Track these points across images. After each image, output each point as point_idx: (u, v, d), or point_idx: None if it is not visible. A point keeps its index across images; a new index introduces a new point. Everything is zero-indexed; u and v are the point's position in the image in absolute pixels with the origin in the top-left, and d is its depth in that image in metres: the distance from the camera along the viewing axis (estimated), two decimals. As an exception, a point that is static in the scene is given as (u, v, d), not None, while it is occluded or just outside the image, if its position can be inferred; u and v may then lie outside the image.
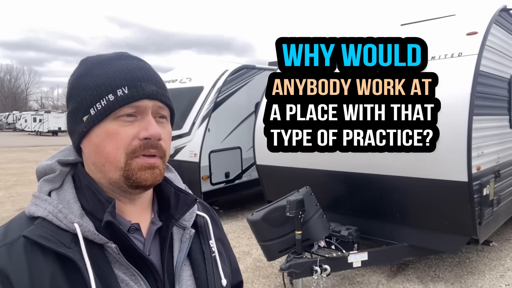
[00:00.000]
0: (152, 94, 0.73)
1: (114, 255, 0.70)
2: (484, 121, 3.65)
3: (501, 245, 5.48)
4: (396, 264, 4.77)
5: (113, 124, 0.72)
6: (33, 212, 0.71)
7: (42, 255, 0.66)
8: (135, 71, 0.74)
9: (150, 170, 0.73)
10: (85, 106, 0.73)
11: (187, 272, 0.81)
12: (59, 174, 0.76)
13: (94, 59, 0.77)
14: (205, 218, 0.90)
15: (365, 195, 4.20)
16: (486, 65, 3.67)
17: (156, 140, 0.73)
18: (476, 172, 3.46)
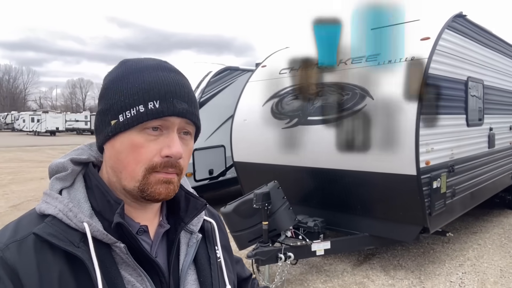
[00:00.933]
0: (182, 112, 0.73)
1: (121, 256, 0.71)
2: (434, 120, 3.95)
3: (468, 237, 5.79)
4: (363, 254, 5.07)
5: (139, 136, 0.72)
6: (44, 210, 0.72)
7: (51, 253, 0.67)
8: (169, 85, 0.74)
9: (165, 185, 0.74)
10: (115, 111, 0.73)
11: (192, 277, 0.81)
12: (70, 173, 0.77)
13: (133, 64, 0.77)
14: (212, 224, 0.91)
15: (331, 189, 4.51)
16: (438, 68, 3.97)
17: (177, 158, 0.73)
18: (425, 166, 3.77)
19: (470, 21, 4.68)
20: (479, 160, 5.06)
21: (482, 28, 5.08)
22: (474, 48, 4.82)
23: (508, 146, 6.31)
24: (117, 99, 0.73)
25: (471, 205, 5.06)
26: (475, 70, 4.86)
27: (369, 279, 4.33)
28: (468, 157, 4.69)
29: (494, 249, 5.25)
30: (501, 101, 5.84)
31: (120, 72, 0.76)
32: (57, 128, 42.74)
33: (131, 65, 0.76)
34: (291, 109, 4.71)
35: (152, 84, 0.73)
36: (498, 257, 4.93)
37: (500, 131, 5.81)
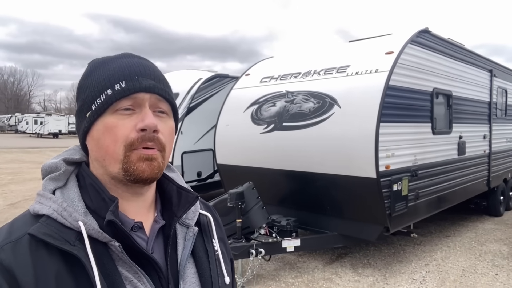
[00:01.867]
0: (149, 87, 0.75)
1: (117, 253, 0.71)
2: (395, 127, 4.27)
3: (439, 240, 6.07)
4: (336, 253, 5.37)
5: (111, 117, 0.73)
6: (38, 210, 0.72)
7: (47, 253, 0.67)
8: (133, 67, 0.76)
9: (148, 162, 0.73)
10: (88, 103, 0.75)
11: (191, 270, 0.82)
12: (63, 173, 0.77)
13: (99, 60, 0.80)
14: (208, 217, 0.91)
15: (303, 191, 4.83)
16: (399, 80, 4.30)
17: (151, 131, 0.73)
18: (385, 170, 4.08)
19: (436, 36, 5.02)
20: (447, 166, 5.37)
21: (450, 42, 5.42)
22: (440, 61, 5.14)
23: (481, 154, 6.61)
24: (88, 93, 0.75)
25: (438, 208, 5.36)
26: (442, 81, 5.18)
27: (337, 275, 4.63)
28: (433, 163, 5.00)
29: (462, 251, 5.54)
30: (471, 111, 6.15)
31: (88, 69, 0.79)
32: (60, 130, 43.22)
33: (97, 61, 0.80)
34: (268, 116, 5.05)
35: (116, 69, 0.75)
36: (464, 259, 5.22)
37: (471, 139, 6.12)
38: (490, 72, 6.85)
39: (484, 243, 5.91)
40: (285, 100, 4.96)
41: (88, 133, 0.76)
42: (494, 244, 5.86)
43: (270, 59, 6.28)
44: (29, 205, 1.10)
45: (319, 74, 4.83)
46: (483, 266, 4.93)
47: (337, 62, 4.81)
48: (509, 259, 5.20)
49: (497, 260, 5.14)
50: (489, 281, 4.47)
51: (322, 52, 5.53)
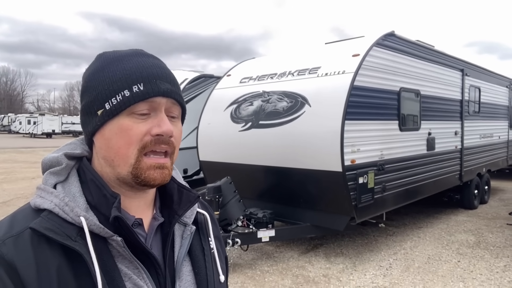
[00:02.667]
0: (167, 91, 0.75)
1: (118, 249, 0.71)
2: (360, 125, 4.58)
3: (412, 231, 6.41)
4: (312, 244, 5.69)
5: (127, 120, 0.73)
6: (39, 204, 0.72)
7: (48, 248, 0.67)
8: (151, 68, 0.75)
9: (159, 170, 0.74)
10: (100, 100, 0.74)
11: (187, 268, 0.83)
12: (65, 167, 0.76)
13: (111, 55, 0.78)
14: (205, 215, 0.92)
15: (278, 185, 5.13)
16: (364, 81, 4.61)
17: (168, 137, 0.74)
18: (350, 164, 4.40)
19: (402, 38, 5.34)
20: (415, 161, 5.70)
21: (417, 43, 5.74)
22: (407, 62, 5.47)
23: (453, 150, 6.95)
24: (100, 89, 0.74)
25: (407, 200, 5.69)
26: (409, 81, 5.51)
27: (310, 263, 4.94)
28: (400, 158, 5.32)
29: (431, 241, 5.88)
30: (441, 109, 6.49)
31: (99, 64, 0.77)
32: (53, 130, 43.26)
33: (109, 56, 0.78)
34: (246, 114, 5.35)
35: (133, 69, 0.74)
36: (431, 247, 5.56)
37: (441, 135, 6.45)
38: (461, 71, 7.19)
39: (453, 233, 6.26)
40: (261, 99, 5.26)
41: (98, 131, 0.75)
42: (462, 234, 6.21)
43: (251, 60, 6.57)
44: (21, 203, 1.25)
45: (293, 75, 5.14)
46: (447, 254, 5.26)
47: (310, 63, 5.12)
48: (473, 248, 5.54)
49: (462, 249, 5.49)
50: (451, 267, 4.80)
51: (297, 54, 5.83)
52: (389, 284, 4.32)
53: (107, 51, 0.81)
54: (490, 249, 5.48)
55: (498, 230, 6.42)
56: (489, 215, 7.47)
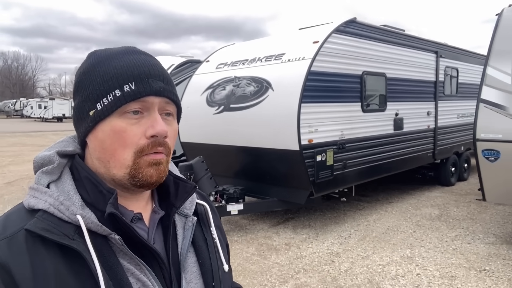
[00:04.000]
0: (159, 90, 0.73)
1: (118, 246, 0.71)
2: (318, 107, 4.96)
3: (381, 205, 6.82)
4: (284, 218, 6.16)
5: (119, 120, 0.71)
6: (33, 205, 0.70)
7: (44, 248, 0.66)
8: (142, 66, 0.73)
9: (155, 166, 0.73)
10: (92, 101, 0.72)
11: (192, 259, 0.82)
12: (57, 166, 0.75)
13: (102, 53, 0.77)
14: (205, 206, 0.92)
15: (248, 163, 5.58)
16: (323, 66, 4.96)
17: (162, 137, 0.73)
18: (307, 143, 4.80)
19: (364, 24, 5.63)
20: (380, 140, 6.06)
21: (381, 28, 6.02)
22: (371, 46, 5.77)
23: (425, 129, 7.27)
24: (91, 89, 0.73)
25: (372, 177, 6.09)
26: (373, 65, 5.82)
27: (277, 234, 5.42)
28: (363, 137, 5.70)
29: (396, 214, 6.29)
30: (411, 90, 6.78)
31: (90, 63, 0.76)
32: (64, 114, 44.21)
33: (100, 54, 0.76)
34: (219, 98, 5.76)
35: (124, 67, 0.73)
36: (393, 220, 5.98)
37: (410, 116, 6.78)
38: (436, 53, 7.43)
39: (420, 207, 6.66)
40: (233, 84, 5.65)
41: (91, 131, 0.74)
42: (428, 208, 6.61)
43: (229, 46, 6.93)
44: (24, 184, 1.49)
45: (261, 61, 5.50)
46: (406, 226, 5.69)
47: (277, 50, 5.47)
48: (433, 220, 5.95)
49: (422, 221, 5.90)
50: (405, 237, 5.23)
51: (268, 41, 6.17)
52: (342, 250, 4.78)
53: (98, 49, 0.79)
54: (449, 221, 5.88)
55: (465, 204, 6.79)
56: (462, 191, 7.82)
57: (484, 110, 4.33)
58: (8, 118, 53.44)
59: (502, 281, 3.91)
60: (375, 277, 4.06)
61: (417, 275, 4.09)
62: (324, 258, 4.56)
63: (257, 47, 6.04)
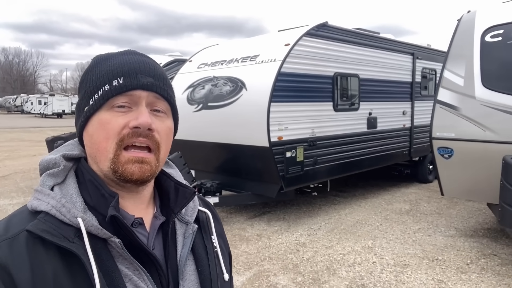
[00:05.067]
0: (147, 85, 0.74)
1: (117, 250, 0.71)
2: (288, 106, 5.25)
3: (357, 201, 7.12)
4: (261, 211, 6.47)
5: (106, 113, 0.73)
6: (36, 207, 0.71)
7: (44, 250, 0.67)
8: (133, 64, 0.75)
9: (138, 164, 0.73)
10: (86, 98, 0.75)
11: (191, 267, 0.82)
12: (63, 169, 0.76)
13: (102, 56, 0.80)
14: (207, 213, 0.92)
15: (225, 159, 5.89)
16: (294, 67, 5.25)
17: (145, 129, 0.72)
18: (277, 140, 5.10)
19: (337, 28, 5.92)
20: (353, 138, 6.36)
21: (352, 31, 6.31)
22: (343, 49, 6.05)
23: (400, 128, 7.57)
24: (87, 87, 0.76)
25: (344, 173, 6.40)
26: (346, 66, 6.11)
27: (251, 226, 5.73)
28: (335, 135, 5.99)
29: (367, 209, 6.60)
30: (386, 91, 7.07)
31: (90, 64, 0.79)
32: (63, 110, 44.53)
33: (99, 57, 0.80)
34: (199, 97, 6.06)
35: (116, 65, 0.75)
36: (364, 214, 6.29)
37: (385, 115, 7.07)
38: (412, 55, 7.71)
39: (392, 203, 6.96)
40: (211, 84, 5.95)
41: (84, 128, 0.76)
42: (400, 203, 6.91)
43: (212, 47, 7.22)
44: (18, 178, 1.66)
45: (238, 61, 5.80)
46: (374, 219, 5.99)
47: (253, 51, 5.77)
48: (401, 214, 6.25)
49: (391, 215, 6.20)
50: (371, 229, 5.54)
51: (247, 42, 6.47)
52: (309, 241, 5.09)
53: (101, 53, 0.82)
54: (417, 215, 6.18)
55: (436, 200, 7.09)
56: (437, 188, 8.10)
57: (439, 110, 4.63)
58: (8, 113, 53.83)
59: (450, 269, 4.21)
60: (333, 264, 4.37)
61: (373, 263, 4.40)
62: (290, 248, 4.87)
63: (236, 48, 6.33)
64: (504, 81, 4.15)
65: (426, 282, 3.92)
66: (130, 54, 0.79)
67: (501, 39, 4.29)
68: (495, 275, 4.04)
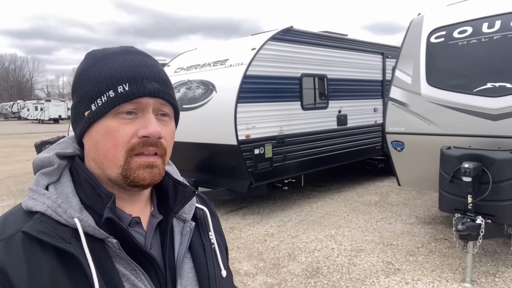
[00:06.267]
0: (154, 91, 0.73)
1: (114, 250, 0.70)
2: (255, 106, 5.62)
3: (331, 195, 7.47)
4: (238, 206, 6.83)
5: (113, 121, 0.71)
6: (31, 207, 0.71)
7: (41, 251, 0.66)
8: (137, 67, 0.73)
9: (148, 169, 0.73)
10: (87, 101, 0.73)
11: (188, 265, 0.82)
12: (57, 168, 0.75)
13: (99, 53, 0.77)
14: (204, 210, 0.92)
15: (200, 157, 6.26)
16: (260, 70, 5.62)
17: (155, 138, 0.72)
18: (245, 138, 5.47)
19: (302, 32, 6.29)
20: (323, 135, 6.74)
21: (318, 34, 6.68)
22: (309, 51, 6.43)
23: (372, 124, 7.94)
24: (86, 90, 0.73)
25: (316, 168, 6.77)
26: (313, 67, 6.48)
27: (226, 220, 6.09)
28: (303, 132, 6.37)
29: (339, 201, 6.97)
30: (355, 89, 7.45)
31: (87, 62, 0.76)
32: (60, 116, 44.87)
33: (97, 54, 0.77)
34: (175, 100, 6.43)
35: (119, 68, 0.73)
36: (334, 206, 6.65)
37: (356, 112, 7.45)
38: (382, 54, 8.09)
39: (364, 195, 7.33)
40: (186, 87, 6.32)
41: (86, 132, 0.74)
42: (371, 196, 7.28)
43: (190, 52, 7.59)
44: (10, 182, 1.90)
45: (210, 65, 6.17)
46: (343, 211, 6.36)
47: (224, 55, 6.14)
48: (369, 206, 6.62)
49: (359, 207, 6.57)
50: (337, 220, 5.91)
51: (220, 46, 6.84)
52: (277, 232, 5.46)
53: (96, 49, 0.80)
54: (384, 206, 6.55)
55: (406, 192, 7.45)
56: (411, 181, 8.49)
57: (391, 107, 5.00)
58: (5, 120, 54.12)
59: (400, 252, 4.58)
60: (295, 251, 4.74)
61: (332, 249, 4.77)
62: (258, 238, 5.24)
63: (209, 53, 6.70)
64: (445, 79, 4.52)
65: (376, 264, 4.29)
66: (131, 54, 0.77)
67: (443, 40, 4.66)
68: (441, 257, 4.41)
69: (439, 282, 3.83)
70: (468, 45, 4.42)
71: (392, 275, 4.02)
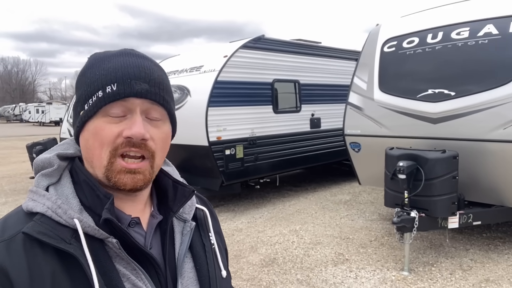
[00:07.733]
0: (141, 92, 0.73)
1: (114, 250, 0.71)
2: (226, 110, 6.02)
3: (306, 194, 7.83)
4: (216, 204, 7.21)
5: (101, 121, 0.72)
6: (32, 208, 0.71)
7: (41, 252, 0.67)
8: (128, 68, 0.73)
9: (130, 175, 0.73)
10: (82, 102, 0.74)
11: (189, 265, 0.83)
12: (57, 169, 0.76)
13: (99, 55, 0.78)
14: (204, 211, 0.93)
15: (180, 158, 6.66)
16: (231, 76, 6.02)
17: (138, 140, 0.72)
18: (216, 140, 5.87)
19: (272, 39, 6.70)
20: (295, 137, 7.13)
21: (290, 42, 7.10)
22: (281, 58, 6.83)
23: (347, 127, 8.32)
24: (83, 90, 0.75)
25: (289, 168, 7.18)
26: (285, 73, 6.88)
27: (201, 216, 6.48)
28: (275, 134, 6.76)
29: (311, 200, 7.34)
30: (329, 94, 7.85)
31: (87, 64, 0.78)
32: (61, 118, 45.20)
33: (96, 57, 0.78)
34: (155, 104, 6.85)
35: (110, 69, 0.73)
36: (305, 204, 7.02)
37: (330, 116, 7.84)
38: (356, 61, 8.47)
39: (337, 194, 7.70)
40: (165, 92, 6.74)
41: (80, 132, 0.76)
42: (344, 195, 7.65)
43: (173, 57, 8.02)
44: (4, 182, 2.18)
45: (187, 71, 6.59)
46: (312, 208, 6.73)
47: (199, 62, 6.55)
48: (339, 204, 6.99)
49: (329, 205, 6.94)
50: (305, 216, 6.28)
51: (198, 53, 7.26)
52: (246, 227, 5.84)
53: (99, 52, 0.80)
54: (352, 204, 6.92)
55: (378, 192, 7.79)
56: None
57: (349, 111, 5.39)
58: (8, 122, 54.79)
59: (353, 245, 4.96)
60: (258, 244, 5.12)
61: (292, 242, 5.14)
62: (227, 233, 5.62)
63: (189, 59, 7.12)
64: (394, 86, 4.91)
65: (328, 255, 4.67)
66: (126, 56, 0.77)
67: (394, 49, 5.05)
68: (389, 249, 4.79)
69: (380, 271, 4.20)
70: (415, 55, 4.81)
71: (340, 264, 4.40)
